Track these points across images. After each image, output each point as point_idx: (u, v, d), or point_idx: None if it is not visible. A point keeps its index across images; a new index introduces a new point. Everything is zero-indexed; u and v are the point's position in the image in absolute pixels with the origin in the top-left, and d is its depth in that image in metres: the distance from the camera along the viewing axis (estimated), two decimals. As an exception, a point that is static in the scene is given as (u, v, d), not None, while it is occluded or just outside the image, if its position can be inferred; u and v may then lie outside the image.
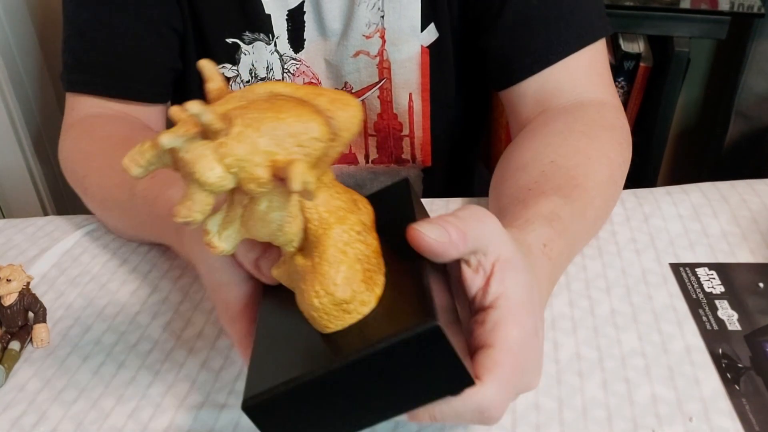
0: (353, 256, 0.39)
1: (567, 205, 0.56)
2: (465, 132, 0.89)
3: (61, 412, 0.53)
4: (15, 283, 0.57)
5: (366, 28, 0.75)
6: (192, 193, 0.36)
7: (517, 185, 0.60)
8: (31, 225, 0.75)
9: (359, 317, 0.39)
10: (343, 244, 0.39)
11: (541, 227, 0.52)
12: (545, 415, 0.50)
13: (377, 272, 0.40)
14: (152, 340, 0.59)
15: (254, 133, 0.35)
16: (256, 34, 0.76)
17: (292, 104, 0.37)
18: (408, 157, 0.85)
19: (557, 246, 0.52)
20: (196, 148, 0.35)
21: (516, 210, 0.56)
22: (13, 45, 1.16)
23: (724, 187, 0.72)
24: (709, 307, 0.58)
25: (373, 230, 0.42)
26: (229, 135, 0.35)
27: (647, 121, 1.41)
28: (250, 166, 0.35)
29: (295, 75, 0.79)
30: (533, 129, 0.68)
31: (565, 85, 0.70)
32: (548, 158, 0.62)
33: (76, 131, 0.75)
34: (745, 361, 0.53)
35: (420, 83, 0.79)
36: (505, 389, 0.39)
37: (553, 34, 0.69)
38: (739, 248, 0.64)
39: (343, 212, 0.40)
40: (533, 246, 0.50)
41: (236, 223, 0.39)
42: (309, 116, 0.36)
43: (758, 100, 1.55)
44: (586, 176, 0.60)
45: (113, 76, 0.75)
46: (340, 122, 0.38)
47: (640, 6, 1.32)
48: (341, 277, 0.38)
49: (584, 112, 0.67)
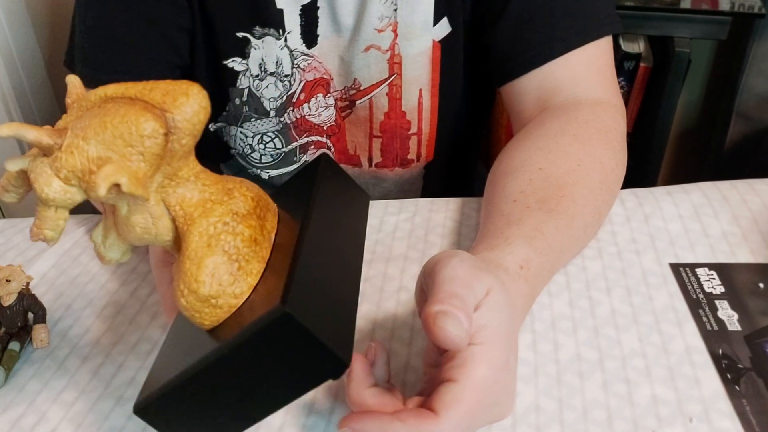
0: (219, 248, 0.39)
1: (551, 220, 0.56)
2: (468, 127, 0.89)
3: (61, 413, 0.53)
4: (14, 283, 0.57)
5: (378, 21, 0.75)
6: (40, 211, 0.36)
7: (503, 193, 0.61)
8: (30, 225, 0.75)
9: (233, 309, 0.39)
10: (208, 237, 0.39)
11: (520, 247, 0.53)
12: (545, 415, 0.50)
13: (251, 261, 0.40)
14: (152, 341, 0.59)
15: (83, 142, 0.35)
16: (267, 29, 0.76)
17: (120, 105, 0.36)
18: (413, 157, 0.85)
19: (536, 264, 0.53)
20: (36, 166, 0.36)
21: (498, 224, 0.57)
22: (12, 45, 1.16)
23: (725, 187, 0.72)
24: (710, 307, 0.58)
25: (249, 217, 0.41)
26: (61, 148, 0.35)
27: (647, 121, 1.41)
28: (86, 175, 0.36)
29: (306, 71, 0.78)
30: (528, 130, 0.68)
31: (565, 81, 0.69)
32: (537, 164, 0.62)
33: None
34: (746, 361, 0.53)
35: (430, 79, 0.79)
36: (461, 427, 0.39)
37: (556, 29, 0.69)
38: (739, 248, 0.64)
39: (210, 204, 0.39)
40: (510, 268, 0.51)
41: (113, 231, 0.40)
42: (135, 115, 0.36)
43: (759, 100, 1.55)
44: (576, 184, 0.60)
45: (119, 73, 0.76)
46: (177, 113, 0.36)
47: (640, 6, 1.32)
48: (204, 273, 0.38)
49: (579, 112, 0.67)
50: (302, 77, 0.79)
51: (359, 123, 0.82)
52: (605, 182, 0.63)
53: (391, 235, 0.68)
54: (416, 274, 0.47)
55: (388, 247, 0.67)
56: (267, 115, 0.80)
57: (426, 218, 0.70)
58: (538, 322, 0.57)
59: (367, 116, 0.81)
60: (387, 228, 0.70)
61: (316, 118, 0.81)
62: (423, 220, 0.70)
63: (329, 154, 0.47)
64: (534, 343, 0.55)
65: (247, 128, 0.81)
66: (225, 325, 0.39)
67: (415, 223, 0.70)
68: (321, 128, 0.82)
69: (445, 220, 0.70)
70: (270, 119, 0.81)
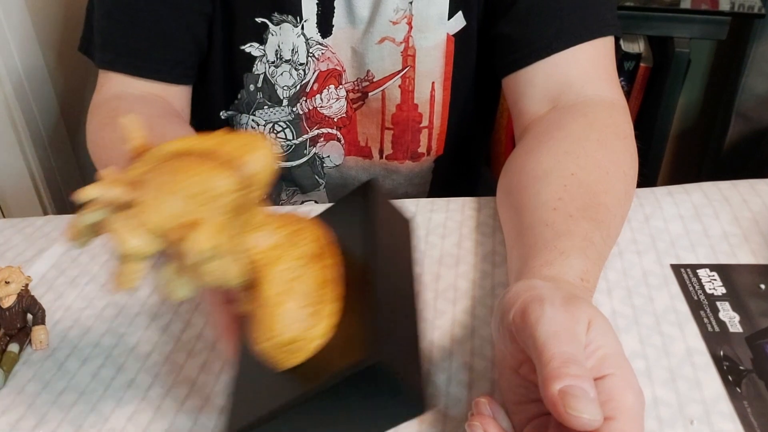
0: (292, 295, 0.40)
1: (597, 230, 0.55)
2: (477, 123, 0.89)
3: (61, 415, 0.53)
4: (13, 284, 0.57)
5: (393, 14, 0.75)
6: (121, 265, 0.37)
7: (540, 200, 0.58)
8: (30, 225, 0.75)
9: (311, 352, 0.40)
10: (281, 283, 0.39)
11: (577, 260, 0.51)
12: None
13: (326, 303, 0.40)
14: (152, 342, 0.59)
15: (163, 198, 0.36)
16: (285, 16, 0.76)
17: (194, 163, 0.38)
18: (423, 150, 0.85)
19: (593, 275, 0.52)
20: (117, 221, 0.37)
21: (546, 236, 0.54)
22: (12, 45, 1.16)
23: (726, 187, 0.72)
24: (711, 308, 0.58)
25: (320, 257, 0.42)
26: (140, 204, 0.36)
27: (647, 121, 1.41)
28: (170, 232, 0.36)
29: (320, 60, 0.79)
30: (547, 131, 0.66)
31: (574, 77, 0.69)
32: (568, 170, 0.60)
33: (101, 113, 0.76)
34: (747, 363, 0.53)
35: (443, 72, 0.79)
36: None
37: (564, 23, 0.70)
38: (740, 249, 0.64)
39: (279, 250, 0.40)
40: (574, 283, 0.50)
41: (186, 272, 0.40)
42: (210, 172, 0.37)
43: (758, 100, 1.55)
44: (606, 193, 0.59)
45: (138, 57, 0.77)
46: (250, 167, 0.38)
47: (640, 6, 1.32)
48: (279, 322, 0.39)
49: (597, 115, 0.67)
50: (316, 66, 0.79)
51: (371, 114, 0.83)
52: (628, 193, 0.63)
53: (391, 236, 0.68)
54: (417, 275, 0.47)
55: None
56: (280, 104, 0.81)
57: (427, 218, 0.70)
58: (539, 323, 0.57)
59: (380, 108, 0.82)
60: (387, 229, 0.69)
61: (327, 110, 0.82)
62: (424, 220, 0.70)
63: (377, 181, 0.47)
64: (535, 344, 0.55)
65: (259, 116, 0.82)
66: (305, 366, 0.40)
67: (416, 224, 0.70)
68: (331, 120, 0.83)
69: (446, 221, 0.70)
70: (283, 108, 0.81)
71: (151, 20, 0.76)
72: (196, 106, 0.83)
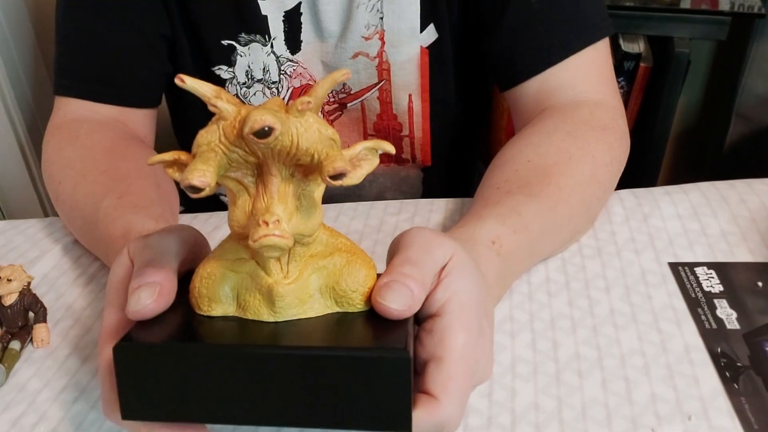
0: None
1: (532, 203, 0.56)
2: (465, 132, 0.89)
3: (61, 413, 0.53)
4: (15, 283, 0.57)
5: (365, 29, 0.75)
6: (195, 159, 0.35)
7: (489, 183, 0.61)
8: (32, 227, 0.75)
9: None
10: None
11: (491, 224, 0.53)
12: (545, 414, 0.50)
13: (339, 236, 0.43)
14: (152, 340, 0.59)
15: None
16: (252, 36, 0.76)
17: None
18: (408, 157, 0.85)
19: (510, 241, 0.53)
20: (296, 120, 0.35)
21: (475, 208, 0.57)
22: (12, 45, 1.17)
23: (723, 187, 0.72)
24: (708, 306, 0.58)
25: None
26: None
27: (647, 121, 1.41)
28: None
29: (293, 76, 0.79)
30: (523, 129, 0.68)
31: (565, 83, 0.70)
32: (525, 158, 0.62)
33: (61, 135, 0.74)
34: (744, 360, 0.53)
35: (420, 84, 0.79)
36: (460, 401, 0.39)
37: (554, 35, 0.70)
38: (738, 248, 0.64)
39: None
40: (479, 242, 0.51)
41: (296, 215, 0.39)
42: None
43: (758, 101, 1.55)
44: (563, 174, 0.60)
45: (99, 82, 0.75)
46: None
47: (640, 6, 1.32)
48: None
49: (577, 111, 0.68)
50: (290, 83, 0.79)
51: (351, 124, 0.83)
52: (595, 176, 0.63)
53: (390, 236, 0.68)
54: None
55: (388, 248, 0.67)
56: None
57: (426, 219, 0.71)
58: (538, 321, 0.57)
59: (360, 117, 0.82)
60: (387, 228, 0.70)
61: None
62: (423, 221, 0.70)
63: None
64: (533, 341, 0.55)
65: None
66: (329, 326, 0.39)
67: (415, 224, 0.70)
68: None
69: (445, 221, 0.70)
70: None
71: (110, 43, 0.74)
72: (179, 124, 0.82)
